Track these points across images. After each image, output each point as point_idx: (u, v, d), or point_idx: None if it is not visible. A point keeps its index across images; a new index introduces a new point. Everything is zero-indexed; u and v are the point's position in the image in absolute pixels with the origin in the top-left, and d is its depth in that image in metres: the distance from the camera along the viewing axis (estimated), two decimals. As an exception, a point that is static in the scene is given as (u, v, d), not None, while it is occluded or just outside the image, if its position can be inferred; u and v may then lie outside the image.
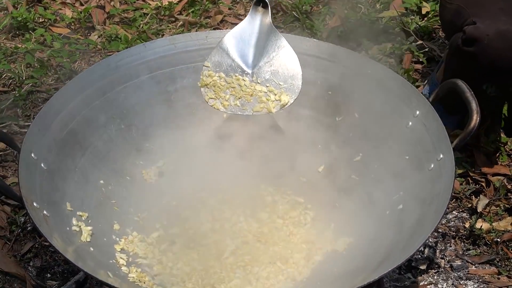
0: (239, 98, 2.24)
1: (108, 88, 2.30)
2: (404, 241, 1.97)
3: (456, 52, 2.58)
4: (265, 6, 2.29)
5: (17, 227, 2.54)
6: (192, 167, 2.38)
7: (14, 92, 3.09)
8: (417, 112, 2.17)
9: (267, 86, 2.25)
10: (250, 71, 2.27)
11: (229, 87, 2.24)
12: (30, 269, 2.44)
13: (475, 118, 2.02)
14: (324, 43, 2.41)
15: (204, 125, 2.42)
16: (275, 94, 2.23)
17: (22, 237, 2.53)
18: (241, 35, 2.29)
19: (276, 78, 2.26)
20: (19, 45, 3.32)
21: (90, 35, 3.44)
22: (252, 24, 2.29)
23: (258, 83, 2.25)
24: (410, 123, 2.19)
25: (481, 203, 2.64)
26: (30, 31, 3.41)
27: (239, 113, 2.25)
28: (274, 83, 2.25)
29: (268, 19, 2.29)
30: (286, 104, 2.24)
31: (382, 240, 2.07)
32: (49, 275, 2.42)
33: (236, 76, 2.26)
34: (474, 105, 2.04)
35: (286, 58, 2.27)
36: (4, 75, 3.19)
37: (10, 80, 3.17)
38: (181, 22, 3.49)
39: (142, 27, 3.45)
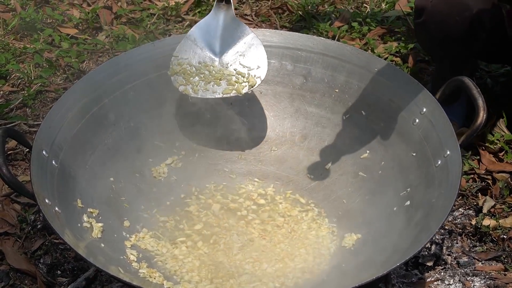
0: (209, 83, 2.27)
1: (117, 86, 2.32)
2: (411, 237, 1.99)
3: (416, 30, 2.68)
4: (227, 2, 2.34)
5: (27, 225, 2.56)
6: (200, 165, 2.40)
7: (23, 92, 3.12)
8: (424, 109, 2.19)
9: (235, 70, 2.29)
10: (217, 58, 2.31)
11: (198, 73, 2.29)
12: (40, 266, 2.46)
13: (482, 115, 2.03)
14: (330, 41, 2.43)
15: (213, 123, 2.44)
16: (243, 77, 2.28)
17: (33, 234, 2.55)
18: (207, 28, 2.34)
19: (243, 62, 2.30)
20: (28, 45, 3.35)
21: (97, 35, 3.46)
22: (216, 19, 2.34)
23: (227, 68, 2.30)
24: (417, 120, 2.21)
25: (487, 204, 2.64)
26: (39, 32, 3.43)
27: (209, 96, 2.29)
28: (242, 67, 2.29)
29: (232, 13, 2.34)
30: (255, 85, 2.28)
31: (390, 236, 2.08)
32: (59, 272, 2.44)
33: (204, 63, 2.30)
34: (480, 102, 2.05)
35: (251, 44, 2.32)
36: (13, 75, 3.21)
37: (19, 80, 3.19)
38: (188, 22, 3.51)
39: (149, 27, 3.47)
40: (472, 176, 2.78)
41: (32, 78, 3.17)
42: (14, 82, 3.19)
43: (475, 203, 2.69)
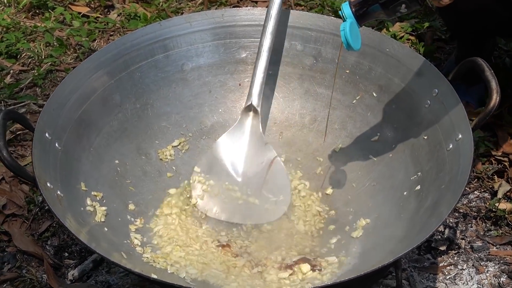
0: (228, 206, 2.19)
1: (123, 67, 2.28)
2: (421, 223, 1.94)
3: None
4: (255, 111, 2.25)
5: (35, 206, 2.54)
6: (208, 147, 2.36)
7: (33, 71, 3.09)
8: (436, 91, 2.13)
9: (256, 199, 2.20)
10: (240, 180, 2.23)
11: (219, 194, 2.21)
12: (47, 248, 2.44)
13: (495, 98, 1.97)
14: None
15: (221, 104, 2.40)
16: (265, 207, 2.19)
17: (40, 216, 2.53)
18: (232, 142, 2.25)
19: (265, 191, 2.21)
20: (39, 24, 3.32)
21: (109, 14, 3.42)
22: (242, 131, 2.26)
23: (248, 195, 2.20)
24: (429, 102, 2.15)
25: (502, 189, 2.59)
26: (50, 10, 3.40)
27: (223, 219, 2.18)
28: (264, 195, 2.20)
29: (258, 126, 2.25)
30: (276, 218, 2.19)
31: (399, 221, 2.04)
32: (66, 254, 2.43)
33: (226, 184, 2.22)
34: (494, 84, 1.99)
35: (275, 170, 2.23)
36: (24, 54, 3.18)
37: (30, 59, 3.16)
38: (200, 0, 3.47)
39: (162, 5, 3.42)
40: (489, 158, 2.72)
41: (43, 57, 3.14)
42: (24, 61, 3.16)
43: (490, 186, 2.63)
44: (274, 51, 2.37)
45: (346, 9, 1.90)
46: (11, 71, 3.11)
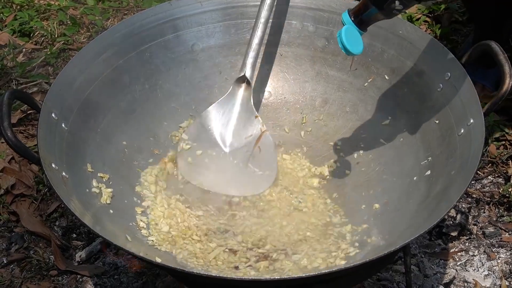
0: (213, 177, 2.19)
1: (132, 47, 2.25)
2: (430, 208, 1.91)
3: None
4: (248, 83, 2.22)
5: (44, 186, 2.54)
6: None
7: (45, 50, 3.08)
8: (449, 75, 2.09)
9: (243, 171, 2.20)
10: (227, 151, 2.22)
11: (205, 163, 2.21)
12: (55, 229, 2.43)
13: (508, 82, 1.93)
14: (354, 1, 2.33)
15: (231, 86, 2.36)
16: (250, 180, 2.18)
17: (49, 196, 2.53)
18: (222, 112, 2.24)
19: (252, 163, 2.20)
20: (52, 2, 3.30)
21: (124, -8, 3.40)
22: (233, 101, 2.24)
23: (235, 165, 2.20)
24: (441, 86, 2.11)
25: (515, 174, 2.57)
26: (64, -12, 3.39)
27: (208, 189, 2.18)
28: (250, 169, 2.19)
29: (250, 98, 2.23)
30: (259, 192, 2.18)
31: (408, 206, 2.01)
32: (74, 235, 2.42)
33: (213, 154, 2.22)
34: (507, 68, 1.94)
35: (263, 144, 2.20)
36: (37, 32, 3.17)
37: (42, 38, 3.15)
38: (216, -21, 3.42)
39: (177, -16, 3.39)
40: (504, 142, 2.68)
41: (56, 36, 3.13)
42: (37, 39, 3.15)
43: (504, 171, 2.60)
44: (285, 32, 2.35)
45: (346, 18, 1.90)
46: (24, 50, 3.10)
